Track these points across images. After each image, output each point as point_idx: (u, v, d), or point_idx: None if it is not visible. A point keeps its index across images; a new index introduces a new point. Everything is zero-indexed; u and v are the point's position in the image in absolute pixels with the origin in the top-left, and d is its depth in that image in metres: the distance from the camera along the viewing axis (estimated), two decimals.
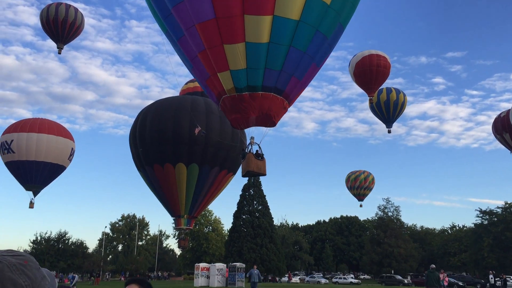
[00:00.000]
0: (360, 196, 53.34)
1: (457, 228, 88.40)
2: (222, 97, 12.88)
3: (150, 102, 28.29)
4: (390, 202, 79.95)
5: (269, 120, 12.97)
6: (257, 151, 15.13)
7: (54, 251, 76.26)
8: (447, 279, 40.13)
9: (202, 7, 11.71)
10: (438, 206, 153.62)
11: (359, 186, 52.52)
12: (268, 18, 11.73)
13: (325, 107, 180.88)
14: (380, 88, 35.87)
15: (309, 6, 11.84)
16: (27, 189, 31.24)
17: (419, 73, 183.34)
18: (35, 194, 31.54)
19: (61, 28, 30.24)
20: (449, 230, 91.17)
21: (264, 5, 11.60)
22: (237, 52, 12.04)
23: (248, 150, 15.02)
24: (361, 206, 54.22)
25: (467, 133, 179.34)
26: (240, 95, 12.50)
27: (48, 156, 30.34)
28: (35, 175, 30.28)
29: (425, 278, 22.06)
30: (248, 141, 15.65)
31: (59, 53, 31.56)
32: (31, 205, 31.45)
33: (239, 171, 16.15)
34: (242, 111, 12.62)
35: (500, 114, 36.42)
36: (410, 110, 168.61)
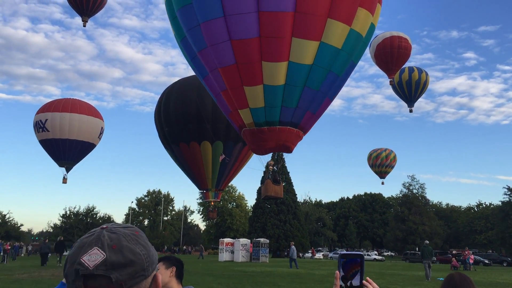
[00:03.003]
0: (382, 174, 53.14)
1: (484, 206, 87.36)
2: (243, 129, 14.17)
3: (176, 79, 28.72)
4: (415, 179, 79.58)
5: (286, 148, 14.24)
6: (275, 176, 16.86)
7: (83, 225, 78.74)
8: (472, 256, 40.05)
9: (224, 53, 12.77)
10: (465, 184, 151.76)
11: (380, 163, 52.30)
12: (284, 64, 12.62)
13: (352, 83, 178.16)
14: (402, 67, 35.55)
15: (321, 52, 12.64)
16: (60, 165, 32.52)
17: (449, 48, 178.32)
18: (67, 170, 32.80)
19: (85, 0, 30.47)
20: (475, 208, 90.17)
21: (279, 53, 12.50)
22: (255, 93, 13.13)
23: (267, 176, 16.73)
24: (383, 183, 54.12)
25: (498, 109, 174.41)
26: (259, 128, 13.73)
27: (80, 134, 31.58)
28: (68, 152, 31.52)
29: (421, 252, 24.61)
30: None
31: (84, 26, 31.57)
32: (64, 180, 32.79)
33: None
34: (261, 142, 13.92)
35: None
36: (439, 86, 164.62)
